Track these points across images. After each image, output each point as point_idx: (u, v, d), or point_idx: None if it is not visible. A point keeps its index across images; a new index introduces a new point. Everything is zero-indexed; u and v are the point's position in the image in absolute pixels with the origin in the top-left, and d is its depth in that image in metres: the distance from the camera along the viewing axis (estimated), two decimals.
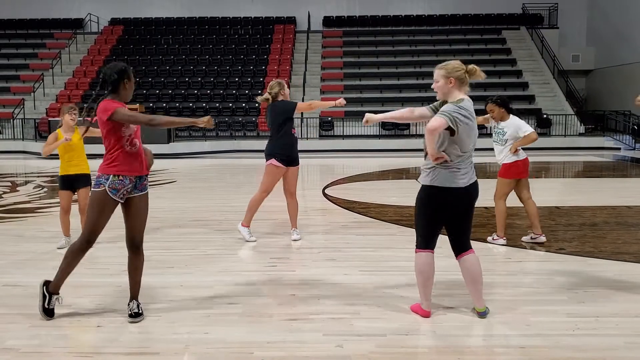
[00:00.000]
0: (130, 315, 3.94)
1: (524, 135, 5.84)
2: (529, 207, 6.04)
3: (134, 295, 4.03)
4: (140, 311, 3.99)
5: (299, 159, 6.31)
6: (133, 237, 3.96)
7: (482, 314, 3.94)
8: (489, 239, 6.10)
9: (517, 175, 5.96)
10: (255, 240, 6.26)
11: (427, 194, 3.84)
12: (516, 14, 27.56)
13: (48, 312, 3.96)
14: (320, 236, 6.56)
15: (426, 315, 3.96)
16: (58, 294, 4.01)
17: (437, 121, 3.64)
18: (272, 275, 5.06)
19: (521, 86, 23.38)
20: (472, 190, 3.85)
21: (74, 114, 5.93)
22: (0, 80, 24.59)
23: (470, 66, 3.85)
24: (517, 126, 5.89)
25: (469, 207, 3.90)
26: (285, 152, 6.10)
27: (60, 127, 5.96)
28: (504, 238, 6.03)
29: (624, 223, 7.17)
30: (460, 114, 3.69)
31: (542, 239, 6.07)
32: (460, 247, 3.96)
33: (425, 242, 3.91)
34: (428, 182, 3.82)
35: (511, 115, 5.95)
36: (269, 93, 6.15)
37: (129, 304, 4.00)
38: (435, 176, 3.78)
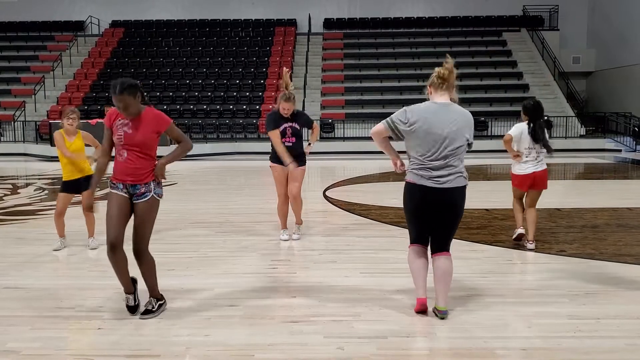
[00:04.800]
0: (142, 312, 4.04)
1: None
2: (527, 215, 6.06)
3: (150, 294, 4.12)
4: (154, 309, 4.04)
5: (301, 163, 6.31)
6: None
7: (443, 313, 3.96)
8: (514, 236, 6.12)
9: (512, 184, 6.08)
10: (287, 240, 6.36)
11: (404, 188, 4.06)
12: (517, 16, 27.57)
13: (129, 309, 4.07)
14: (321, 238, 6.56)
15: (418, 302, 4.00)
16: (131, 293, 4.11)
17: (376, 126, 3.96)
18: (273, 278, 5.07)
19: (522, 88, 23.39)
20: (443, 195, 3.87)
21: (72, 118, 5.92)
22: (1, 82, 24.63)
23: (437, 69, 3.95)
24: None
25: (441, 210, 3.92)
26: (276, 157, 6.28)
27: (62, 128, 5.98)
28: (521, 227, 6.05)
29: (625, 225, 7.17)
30: (399, 118, 3.88)
31: (520, 231, 6.06)
32: (435, 247, 4.07)
33: (413, 237, 4.10)
34: (405, 178, 4.06)
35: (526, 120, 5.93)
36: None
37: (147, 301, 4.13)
38: (409, 171, 4.00)
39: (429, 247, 4.10)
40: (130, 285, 4.07)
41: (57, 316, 4.05)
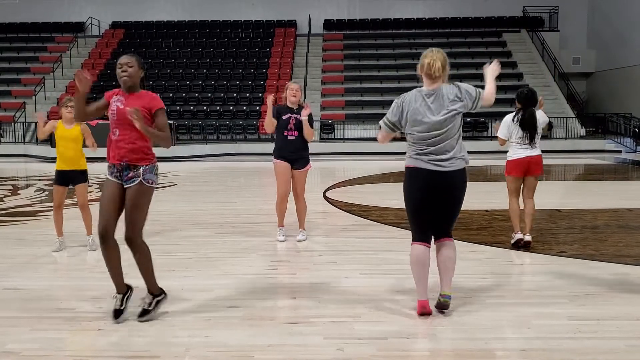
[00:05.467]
0: (139, 314, 3.97)
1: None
2: (524, 206, 6.07)
3: (147, 289, 4.05)
4: (150, 308, 4.00)
5: (305, 163, 6.30)
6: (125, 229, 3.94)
7: (447, 297, 4.02)
8: (512, 240, 6.09)
9: (506, 172, 6.08)
10: (283, 240, 6.36)
11: (405, 176, 4.09)
12: (517, 17, 27.58)
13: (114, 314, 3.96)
14: (321, 239, 6.56)
15: (420, 305, 3.99)
16: (123, 294, 4.03)
17: (379, 133, 4.16)
18: (273, 279, 5.06)
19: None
20: (444, 178, 3.91)
21: (69, 106, 5.94)
22: (1, 83, 24.64)
23: (427, 61, 3.94)
24: None
25: (442, 195, 3.95)
26: (279, 152, 6.25)
27: (60, 119, 6.02)
28: (519, 232, 6.00)
29: (625, 226, 7.16)
30: (391, 113, 4.02)
31: (518, 237, 6.00)
32: (437, 234, 4.09)
33: (416, 234, 4.07)
34: (405, 164, 4.10)
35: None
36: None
37: (143, 297, 4.05)
38: (408, 157, 4.04)
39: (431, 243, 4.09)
40: (122, 285, 4.02)
41: (56, 317, 4.05)
